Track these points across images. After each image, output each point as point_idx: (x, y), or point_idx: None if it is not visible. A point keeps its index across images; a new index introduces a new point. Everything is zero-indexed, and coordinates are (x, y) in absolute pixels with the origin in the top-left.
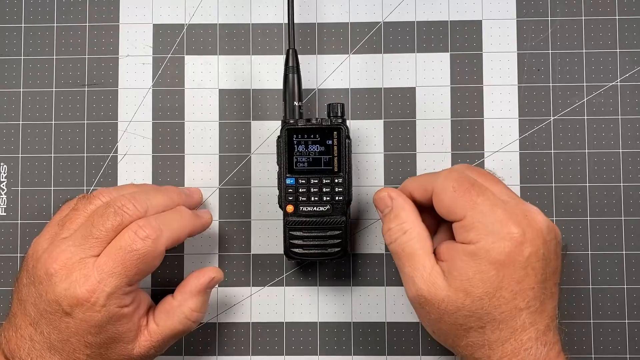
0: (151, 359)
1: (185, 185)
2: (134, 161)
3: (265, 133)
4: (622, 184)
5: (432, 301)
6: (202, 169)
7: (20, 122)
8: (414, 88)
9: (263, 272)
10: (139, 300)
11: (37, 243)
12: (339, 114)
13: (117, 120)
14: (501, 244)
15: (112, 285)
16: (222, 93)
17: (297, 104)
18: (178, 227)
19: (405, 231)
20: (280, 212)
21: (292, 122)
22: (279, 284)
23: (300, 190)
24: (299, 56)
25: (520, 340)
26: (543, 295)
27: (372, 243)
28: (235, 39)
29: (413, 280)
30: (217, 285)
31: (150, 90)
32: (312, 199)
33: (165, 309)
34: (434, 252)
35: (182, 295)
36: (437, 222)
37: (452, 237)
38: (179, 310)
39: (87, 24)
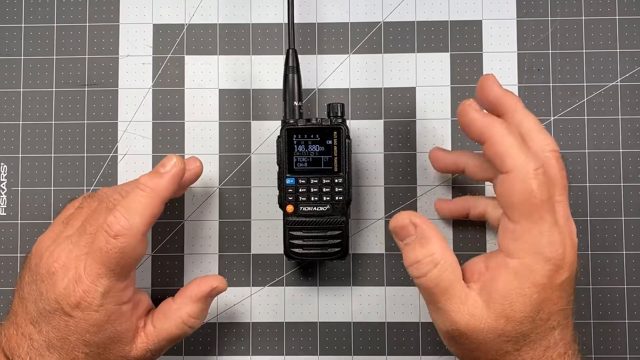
0: None
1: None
2: (134, 161)
3: (265, 133)
4: (622, 184)
5: (471, 334)
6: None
7: (20, 122)
8: (414, 88)
9: (263, 272)
10: (137, 300)
11: (41, 241)
12: (339, 114)
13: (117, 120)
14: (545, 266)
15: (104, 285)
16: (222, 93)
17: (297, 104)
18: (145, 207)
19: (437, 263)
20: (280, 212)
21: (292, 122)
22: (279, 284)
23: (300, 190)
24: (299, 56)
25: (551, 356)
26: (570, 311)
27: (372, 243)
28: (235, 39)
29: (449, 314)
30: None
31: (150, 90)
32: (312, 199)
33: (164, 311)
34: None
35: (182, 300)
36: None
37: None
38: (177, 314)
39: (87, 24)
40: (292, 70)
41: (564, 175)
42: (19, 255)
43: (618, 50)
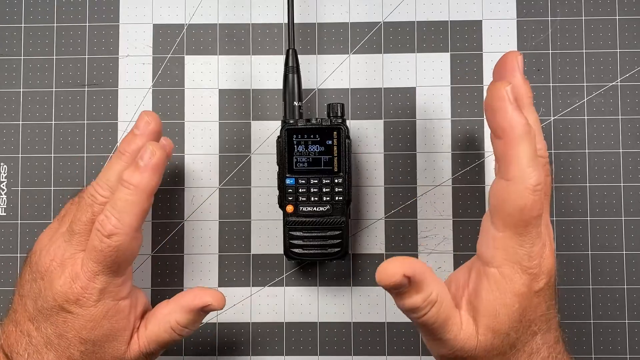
0: None
1: (185, 185)
2: None
3: (265, 133)
4: (622, 184)
5: (466, 355)
6: (202, 169)
7: (20, 122)
8: (414, 88)
9: (263, 272)
10: (135, 298)
11: (40, 239)
12: (339, 114)
13: (117, 120)
14: (523, 276)
15: (101, 282)
16: (222, 93)
17: (297, 104)
18: (133, 205)
19: (434, 302)
20: (280, 212)
21: (292, 122)
22: (279, 284)
23: (300, 190)
24: (299, 56)
25: None
26: (550, 315)
27: (372, 243)
28: (235, 39)
29: (448, 343)
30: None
31: (150, 90)
32: (312, 199)
33: (156, 314)
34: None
35: (174, 306)
36: None
37: None
38: (166, 318)
39: (87, 24)
40: (292, 70)
41: (549, 182)
42: (19, 255)
43: (618, 50)
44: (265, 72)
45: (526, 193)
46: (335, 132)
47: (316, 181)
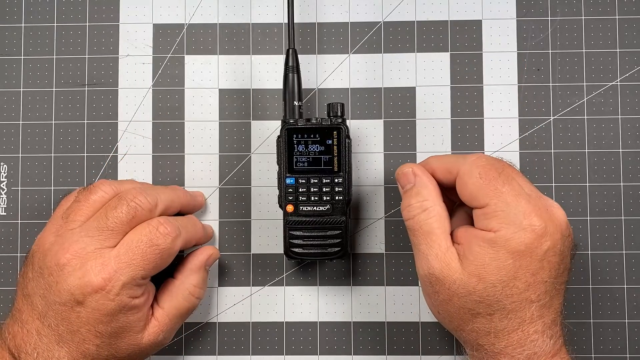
0: (159, 347)
1: (186, 185)
2: (134, 161)
3: (265, 133)
4: (622, 184)
5: (444, 281)
6: (202, 169)
7: (20, 122)
8: (414, 88)
9: (263, 272)
10: (148, 292)
11: (42, 237)
12: (339, 114)
13: (117, 120)
14: (522, 234)
15: (128, 276)
16: (222, 93)
17: (297, 104)
18: (192, 232)
19: (425, 209)
20: (280, 212)
21: (292, 122)
22: (279, 283)
23: (300, 190)
24: (299, 56)
25: (527, 331)
26: (553, 290)
27: (372, 243)
28: (235, 38)
29: (427, 258)
30: (216, 261)
31: (150, 90)
32: (312, 198)
33: (168, 289)
34: (451, 234)
35: (183, 274)
36: (453, 203)
37: (469, 222)
38: (182, 287)
39: (87, 24)
40: (292, 70)
41: (508, 164)
42: (19, 255)
43: (618, 50)
44: (265, 72)
45: (471, 168)
46: (335, 132)
47: (316, 181)
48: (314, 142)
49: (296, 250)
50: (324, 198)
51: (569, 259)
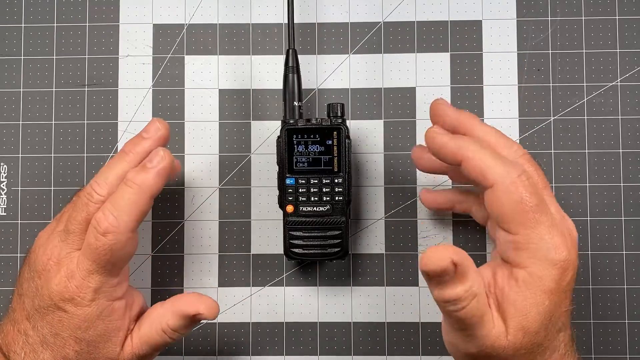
0: None
1: (185, 186)
2: None
3: (265, 133)
4: (622, 184)
5: (495, 355)
6: (202, 169)
7: (20, 122)
8: (414, 88)
9: (263, 272)
10: (131, 299)
11: (38, 238)
12: (339, 114)
13: (117, 120)
14: (552, 271)
15: (95, 281)
16: (222, 93)
17: (297, 104)
18: (132, 205)
19: (475, 295)
20: (280, 212)
21: (292, 122)
22: (279, 284)
23: (300, 190)
24: (299, 56)
25: (555, 358)
26: (570, 310)
27: (372, 243)
28: (235, 39)
29: (480, 340)
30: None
31: (150, 90)
32: (312, 199)
33: (150, 314)
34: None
35: (167, 308)
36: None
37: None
38: (159, 320)
39: (87, 24)
40: (292, 70)
41: (543, 174)
42: (18, 255)
43: (618, 50)
44: (265, 72)
45: (513, 187)
46: (335, 132)
47: (316, 181)
48: (314, 142)
49: (296, 250)
50: (324, 198)
51: None
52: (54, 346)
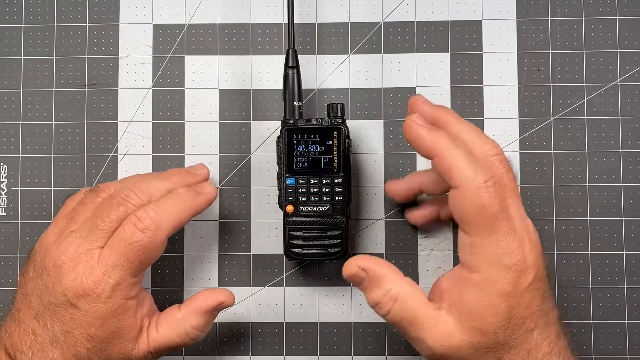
0: None
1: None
2: (134, 161)
3: (265, 133)
4: (622, 184)
5: (449, 354)
6: None
7: (20, 122)
8: (414, 88)
9: (263, 272)
10: (142, 298)
11: (45, 236)
12: (339, 114)
13: (117, 120)
14: (507, 274)
15: (117, 277)
16: (222, 93)
17: (297, 104)
18: (177, 213)
19: (396, 298)
20: (280, 212)
21: (292, 122)
22: (279, 284)
23: (300, 190)
24: (299, 56)
25: (537, 357)
26: (547, 308)
27: (372, 243)
28: (235, 39)
29: (424, 342)
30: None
31: (150, 90)
32: (312, 199)
33: (168, 319)
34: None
35: (188, 311)
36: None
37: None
38: (181, 324)
39: (87, 24)
40: (292, 70)
41: (512, 177)
42: (19, 255)
43: (618, 50)
44: (265, 72)
45: (478, 192)
46: (335, 132)
47: (316, 181)
48: (314, 142)
49: (296, 250)
50: (324, 198)
51: (548, 270)
52: (65, 344)
